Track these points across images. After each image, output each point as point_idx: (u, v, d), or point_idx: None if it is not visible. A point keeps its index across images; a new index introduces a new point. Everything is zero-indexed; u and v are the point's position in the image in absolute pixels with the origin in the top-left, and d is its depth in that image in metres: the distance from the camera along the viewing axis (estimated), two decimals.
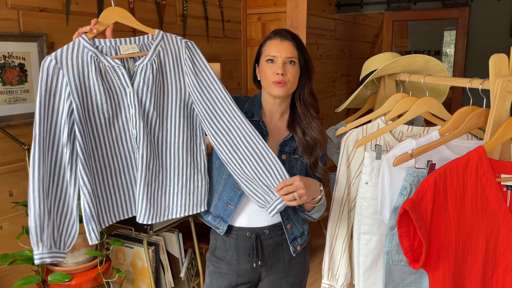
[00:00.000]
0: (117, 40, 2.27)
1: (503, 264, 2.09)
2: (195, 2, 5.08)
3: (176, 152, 2.44)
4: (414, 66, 2.86)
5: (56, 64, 2.14)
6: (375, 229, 2.61)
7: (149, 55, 2.30)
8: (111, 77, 2.26)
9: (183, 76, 2.40)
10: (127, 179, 2.40)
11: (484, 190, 2.01)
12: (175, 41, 2.39)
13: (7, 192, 3.32)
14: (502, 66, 2.02)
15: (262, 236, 2.56)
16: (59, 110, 2.18)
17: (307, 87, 2.53)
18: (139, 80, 2.29)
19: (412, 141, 2.25)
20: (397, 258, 2.25)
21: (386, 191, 2.33)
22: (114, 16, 2.29)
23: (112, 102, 2.27)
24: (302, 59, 2.48)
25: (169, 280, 4.17)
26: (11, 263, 2.94)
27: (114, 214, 2.39)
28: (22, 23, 3.31)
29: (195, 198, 2.52)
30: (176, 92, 2.40)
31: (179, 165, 2.45)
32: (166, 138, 2.41)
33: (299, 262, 2.69)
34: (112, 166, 2.35)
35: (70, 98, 2.16)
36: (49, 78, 2.14)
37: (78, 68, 2.18)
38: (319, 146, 2.54)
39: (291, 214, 2.57)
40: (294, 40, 2.46)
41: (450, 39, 9.56)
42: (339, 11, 8.16)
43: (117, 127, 2.32)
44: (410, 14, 7.82)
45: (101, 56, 2.22)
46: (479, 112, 2.16)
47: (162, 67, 2.36)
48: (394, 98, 2.67)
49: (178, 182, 2.47)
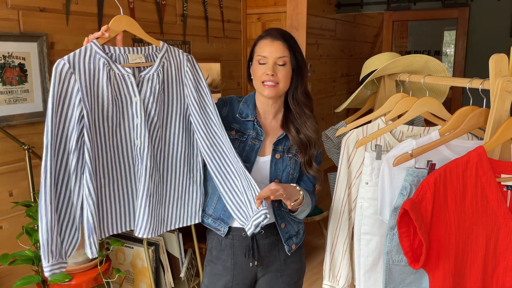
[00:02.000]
0: (126, 48, 2.27)
1: (503, 264, 2.09)
2: (195, 2, 5.08)
3: (174, 162, 2.44)
4: (414, 66, 2.86)
5: (69, 68, 2.11)
6: (376, 230, 2.62)
7: (155, 66, 2.31)
8: (120, 85, 2.25)
9: (183, 88, 2.42)
10: (127, 191, 2.38)
11: (484, 190, 2.01)
12: (177, 54, 2.40)
13: (7, 192, 3.32)
14: (502, 66, 2.02)
15: (257, 236, 2.56)
16: (70, 116, 2.14)
17: (300, 87, 2.52)
18: (146, 89, 2.29)
19: (412, 141, 2.25)
20: (397, 258, 2.26)
21: (386, 191, 2.34)
22: (123, 25, 2.29)
23: (118, 111, 2.26)
24: (294, 59, 2.46)
25: (169, 280, 4.17)
26: (11, 263, 2.93)
27: (114, 227, 2.37)
28: (22, 23, 3.31)
29: (189, 210, 2.53)
30: (177, 103, 2.41)
31: (176, 176, 2.45)
32: (165, 149, 2.41)
33: (295, 261, 2.69)
34: (114, 177, 2.33)
35: (81, 105, 2.13)
36: (61, 82, 2.10)
37: (90, 73, 2.17)
38: (313, 145, 2.54)
39: (285, 213, 2.58)
40: (285, 40, 2.45)
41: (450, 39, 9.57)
42: (339, 11, 8.17)
43: (119, 136, 2.31)
44: (410, 14, 7.83)
45: (112, 64, 2.21)
46: (479, 112, 2.17)
47: (166, 78, 2.36)
48: (394, 98, 2.67)
49: (175, 193, 2.47)
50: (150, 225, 2.37)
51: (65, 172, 2.18)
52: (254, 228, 2.29)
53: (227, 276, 2.60)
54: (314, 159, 2.55)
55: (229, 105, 2.59)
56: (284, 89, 2.48)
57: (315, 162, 2.56)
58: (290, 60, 2.45)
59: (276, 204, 2.55)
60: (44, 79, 3.42)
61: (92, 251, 2.22)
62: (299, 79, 2.50)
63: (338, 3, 8.13)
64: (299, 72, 2.49)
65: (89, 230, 2.20)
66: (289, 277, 2.68)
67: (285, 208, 2.52)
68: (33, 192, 3.28)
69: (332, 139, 2.96)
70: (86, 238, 2.21)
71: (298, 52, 2.49)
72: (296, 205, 2.40)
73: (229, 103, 2.59)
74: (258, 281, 2.67)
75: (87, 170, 2.16)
